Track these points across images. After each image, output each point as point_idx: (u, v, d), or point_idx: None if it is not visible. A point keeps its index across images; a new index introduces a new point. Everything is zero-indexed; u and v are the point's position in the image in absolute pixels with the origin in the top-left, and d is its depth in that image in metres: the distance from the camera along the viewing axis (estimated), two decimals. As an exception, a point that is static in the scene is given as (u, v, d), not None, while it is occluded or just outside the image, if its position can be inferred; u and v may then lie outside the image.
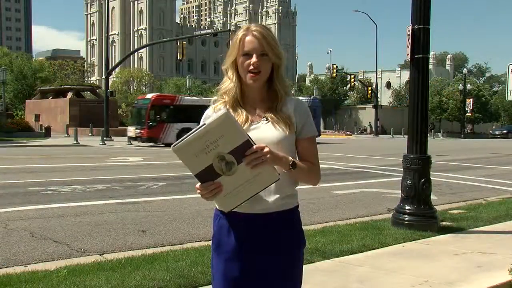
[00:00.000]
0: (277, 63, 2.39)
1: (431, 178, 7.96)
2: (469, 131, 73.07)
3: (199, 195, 2.20)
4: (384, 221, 8.18)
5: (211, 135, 2.05)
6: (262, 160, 2.10)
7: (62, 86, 55.08)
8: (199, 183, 2.15)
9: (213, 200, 2.21)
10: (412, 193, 7.69)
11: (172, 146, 2.09)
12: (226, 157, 2.08)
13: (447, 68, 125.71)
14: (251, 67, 2.32)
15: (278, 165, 2.23)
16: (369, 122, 73.01)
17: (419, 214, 7.65)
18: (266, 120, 2.37)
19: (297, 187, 2.45)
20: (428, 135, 8.41)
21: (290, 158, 2.28)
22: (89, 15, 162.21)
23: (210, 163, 2.08)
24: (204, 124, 2.07)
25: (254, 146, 2.10)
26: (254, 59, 2.32)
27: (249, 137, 2.10)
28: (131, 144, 33.10)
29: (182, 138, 2.06)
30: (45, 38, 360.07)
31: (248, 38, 2.35)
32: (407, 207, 7.75)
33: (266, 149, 2.12)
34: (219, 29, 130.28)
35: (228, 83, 2.42)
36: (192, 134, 2.06)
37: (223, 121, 2.06)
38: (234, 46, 2.37)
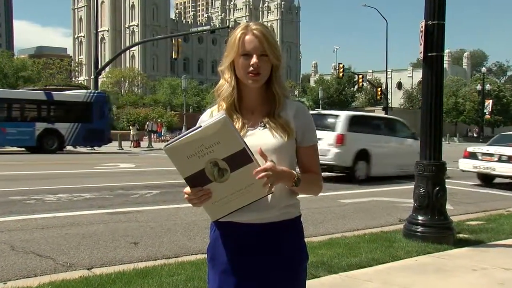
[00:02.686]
0: (276, 65, 2.40)
1: (446, 186, 7.94)
2: (475, 135, 72.97)
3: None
4: (395, 233, 8.15)
5: (207, 140, 2.07)
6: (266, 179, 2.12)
7: (47, 87, 54.80)
8: (188, 187, 2.17)
9: (200, 207, 2.22)
10: (425, 202, 7.66)
11: (164, 145, 2.11)
12: (220, 164, 2.10)
13: (463, 66, 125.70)
14: (251, 68, 2.33)
15: (283, 182, 2.24)
16: None
17: (434, 225, 7.62)
18: (263, 126, 2.37)
19: (299, 196, 2.45)
20: (443, 139, 8.39)
21: (295, 173, 2.29)
22: (76, 10, 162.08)
23: (202, 167, 2.10)
24: (201, 126, 2.09)
25: (262, 167, 2.12)
26: (254, 59, 2.32)
27: (246, 145, 2.12)
28: (122, 149, 33.07)
29: (176, 138, 2.09)
30: (28, 35, 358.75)
31: (248, 37, 2.35)
32: (420, 218, 7.72)
33: (271, 168, 2.13)
34: (217, 26, 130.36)
35: (227, 86, 2.42)
36: (187, 136, 2.08)
37: (221, 128, 2.07)
38: (232, 45, 2.38)
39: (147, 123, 45.98)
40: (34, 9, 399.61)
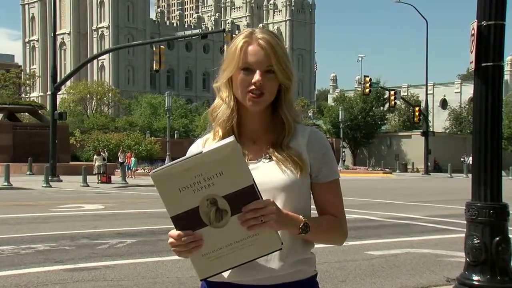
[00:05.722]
0: (286, 84, 2.44)
1: (511, 236, 7.84)
2: None
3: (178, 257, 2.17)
4: (442, 296, 8.09)
5: (208, 168, 2.08)
6: (262, 221, 2.12)
7: (-12, 105, 55.34)
8: (174, 230, 2.17)
9: (187, 257, 2.22)
10: (482, 257, 7.56)
11: (153, 171, 2.12)
12: (219, 202, 2.11)
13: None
14: (252, 87, 2.35)
15: (284, 229, 2.26)
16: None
17: None
18: (269, 159, 2.41)
19: (314, 248, 2.47)
20: (503, 173, 8.33)
21: (302, 218, 2.30)
22: (27, 6, 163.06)
23: (197, 205, 2.11)
24: (201, 151, 2.09)
25: (260, 200, 2.12)
26: (257, 76, 2.35)
27: (255, 182, 2.12)
28: (87, 185, 33.08)
29: (168, 164, 2.10)
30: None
31: (252, 47, 2.39)
32: (475, 277, 7.61)
33: (271, 207, 2.15)
34: (210, 29, 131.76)
35: (224, 108, 2.45)
36: (182, 161, 2.09)
37: (228, 154, 2.08)
38: (231, 57, 2.42)
39: (119, 154, 45.49)
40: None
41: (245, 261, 2.18)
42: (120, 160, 46.65)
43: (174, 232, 2.15)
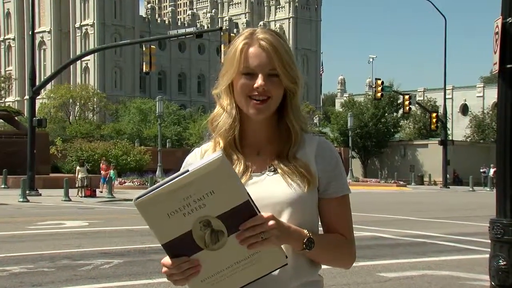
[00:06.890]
0: (292, 89, 2.45)
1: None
2: None
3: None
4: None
5: (196, 189, 2.07)
6: (263, 239, 2.12)
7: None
8: (167, 257, 2.16)
9: (183, 285, 2.22)
10: (509, 281, 7.52)
11: (135, 198, 2.10)
12: (213, 223, 2.11)
13: None
14: (255, 93, 2.36)
15: (286, 243, 2.26)
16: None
17: (525, 317, 7.49)
18: (274, 171, 2.41)
19: (321, 269, 2.46)
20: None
21: (306, 232, 2.30)
22: (1, 1, 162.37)
23: (189, 229, 2.11)
24: (187, 170, 2.07)
25: (258, 215, 2.11)
26: (260, 81, 2.36)
27: (250, 197, 2.11)
28: (70, 200, 33.03)
29: (151, 188, 2.08)
30: None
31: (252, 49, 2.39)
32: (501, 303, 7.59)
33: (272, 222, 2.13)
34: (205, 27, 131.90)
35: (225, 117, 2.46)
36: (167, 184, 2.07)
37: (217, 171, 2.06)
38: (231, 60, 2.42)
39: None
40: None
41: (248, 281, 2.18)
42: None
43: (167, 260, 2.14)
